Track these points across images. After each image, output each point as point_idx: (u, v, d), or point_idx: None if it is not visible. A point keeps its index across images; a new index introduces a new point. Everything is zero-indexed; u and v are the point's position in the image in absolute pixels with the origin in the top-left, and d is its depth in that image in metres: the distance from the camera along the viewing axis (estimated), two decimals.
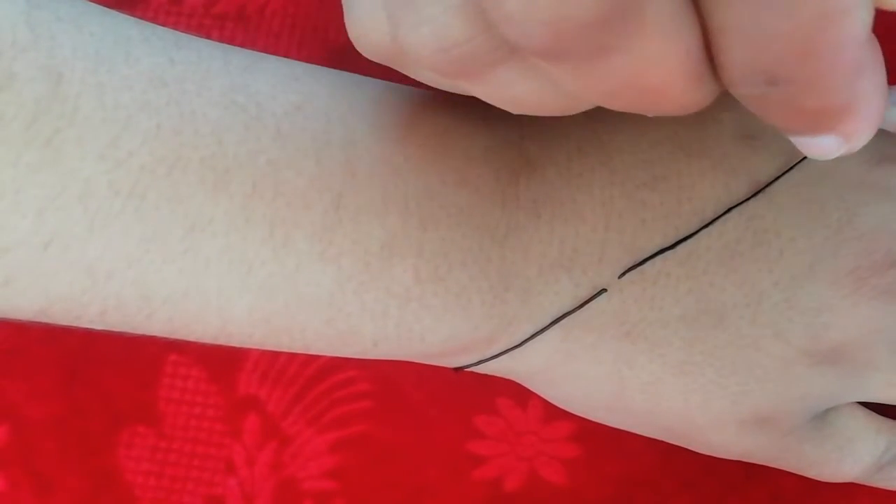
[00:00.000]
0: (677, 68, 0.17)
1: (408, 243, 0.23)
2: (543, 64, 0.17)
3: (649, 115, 0.20)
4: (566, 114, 0.20)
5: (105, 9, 0.22)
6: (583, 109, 0.20)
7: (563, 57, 0.16)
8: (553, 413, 0.28)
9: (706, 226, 0.24)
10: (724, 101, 0.19)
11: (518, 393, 0.28)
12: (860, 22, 0.16)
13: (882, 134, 0.26)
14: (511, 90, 0.19)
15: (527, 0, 0.15)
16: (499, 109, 0.25)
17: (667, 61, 0.16)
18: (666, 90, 0.17)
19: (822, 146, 0.18)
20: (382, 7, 0.19)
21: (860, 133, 0.18)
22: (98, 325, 0.22)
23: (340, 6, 0.21)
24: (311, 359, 0.30)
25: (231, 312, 0.22)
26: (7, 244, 0.20)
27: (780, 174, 0.24)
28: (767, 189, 0.24)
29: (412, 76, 0.21)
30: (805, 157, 0.24)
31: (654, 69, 0.16)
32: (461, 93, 0.20)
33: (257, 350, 0.30)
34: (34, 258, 0.20)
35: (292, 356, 0.30)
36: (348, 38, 0.20)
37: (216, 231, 0.21)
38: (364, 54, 0.20)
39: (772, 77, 0.16)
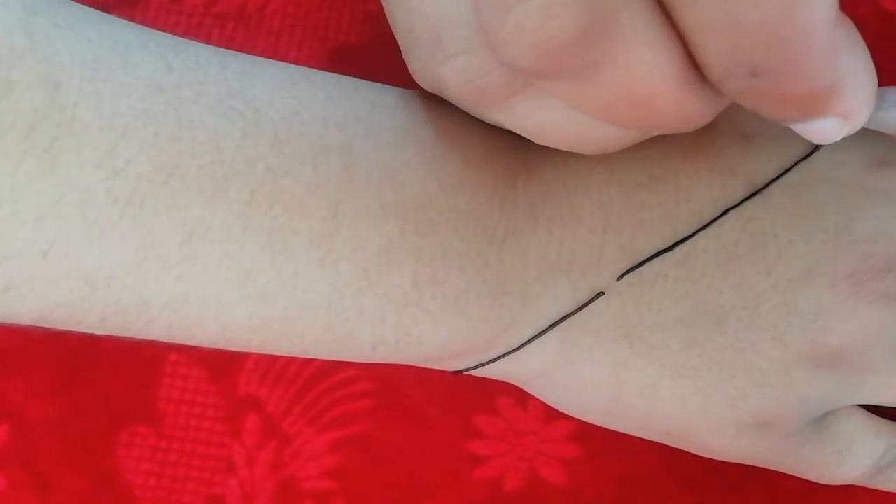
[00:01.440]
0: (664, 75, 0.18)
1: (406, 248, 0.22)
2: (548, 85, 0.19)
3: (655, 130, 0.21)
4: (586, 150, 0.22)
5: (103, 14, 0.22)
6: (599, 149, 0.22)
7: (558, 74, 0.18)
8: (553, 413, 0.28)
9: (704, 227, 0.24)
10: None
11: (518, 393, 0.28)
12: (824, 2, 0.16)
13: (880, 137, 0.26)
14: (530, 120, 0.21)
15: (515, 27, 0.17)
16: None
17: (653, 68, 0.17)
18: (659, 100, 0.18)
19: (823, 130, 0.19)
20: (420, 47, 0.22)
21: (857, 111, 0.18)
22: (98, 331, 0.22)
23: (340, 6, 0.21)
24: (310, 359, 0.30)
25: (230, 318, 0.22)
26: (7, 253, 0.20)
27: (777, 176, 0.24)
28: (765, 191, 0.24)
29: (460, 107, 0.24)
30: (803, 159, 0.24)
31: (643, 77, 0.18)
32: (495, 124, 0.23)
33: None
34: (33, 266, 0.20)
35: (292, 356, 0.30)
36: (348, 38, 0.21)
37: (214, 238, 0.21)
38: (424, 88, 0.24)
39: (753, 68, 0.17)
